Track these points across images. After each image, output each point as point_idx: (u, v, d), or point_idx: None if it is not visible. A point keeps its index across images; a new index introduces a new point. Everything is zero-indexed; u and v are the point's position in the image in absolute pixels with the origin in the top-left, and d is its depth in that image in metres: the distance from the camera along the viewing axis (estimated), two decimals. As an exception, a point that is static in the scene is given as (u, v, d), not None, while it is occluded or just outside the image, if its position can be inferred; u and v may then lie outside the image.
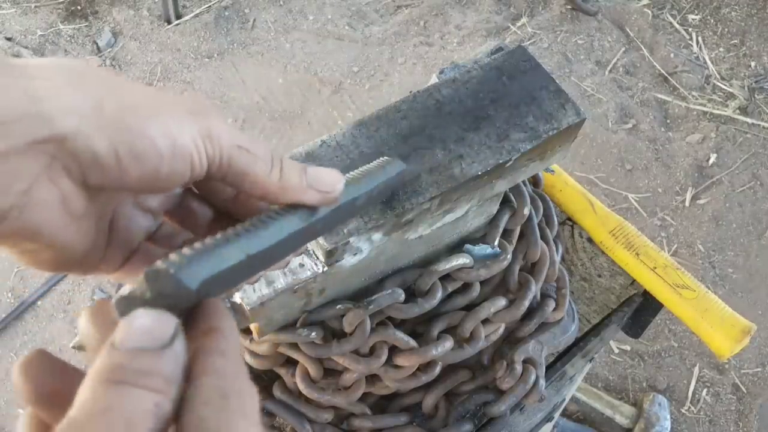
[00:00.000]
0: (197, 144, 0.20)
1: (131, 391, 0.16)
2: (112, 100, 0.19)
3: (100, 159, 0.19)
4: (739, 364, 1.08)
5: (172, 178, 0.20)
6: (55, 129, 0.18)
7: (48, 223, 0.19)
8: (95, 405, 0.15)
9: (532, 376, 0.46)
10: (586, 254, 0.60)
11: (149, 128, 0.19)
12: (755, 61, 1.49)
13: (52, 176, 0.18)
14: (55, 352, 0.97)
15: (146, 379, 0.16)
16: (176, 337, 0.17)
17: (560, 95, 0.36)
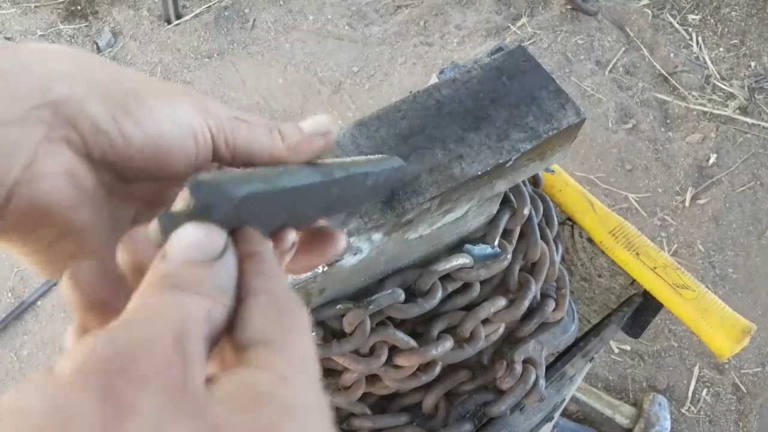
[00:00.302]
0: (197, 117, 0.20)
1: (185, 296, 0.16)
2: (104, 71, 0.19)
3: (98, 124, 0.18)
4: (739, 364, 1.08)
5: (177, 153, 0.20)
6: (49, 94, 0.17)
7: (58, 198, 0.18)
8: (149, 307, 0.15)
9: (532, 376, 0.46)
10: (586, 254, 0.60)
11: (146, 97, 0.19)
12: (755, 61, 1.49)
13: (53, 147, 0.18)
14: (54, 352, 0.96)
15: (199, 287, 0.16)
16: (227, 251, 0.17)
17: (560, 95, 0.36)
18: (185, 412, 0.13)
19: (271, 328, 0.16)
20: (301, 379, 0.15)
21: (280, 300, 0.17)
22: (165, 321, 0.15)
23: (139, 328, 0.14)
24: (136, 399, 0.13)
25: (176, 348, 0.14)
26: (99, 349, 0.14)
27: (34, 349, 1.05)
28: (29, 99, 0.17)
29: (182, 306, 0.15)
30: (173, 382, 0.14)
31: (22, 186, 0.18)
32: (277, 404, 0.14)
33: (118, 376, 0.13)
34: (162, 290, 0.16)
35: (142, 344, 0.14)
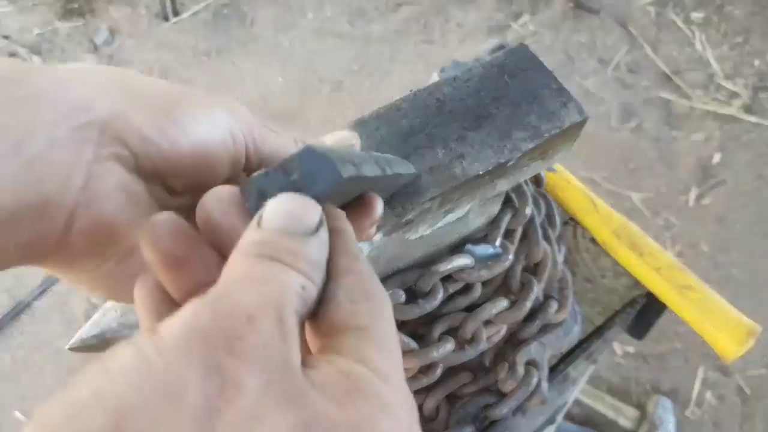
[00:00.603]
0: (233, 122, 0.20)
1: (282, 269, 0.15)
2: (141, 84, 0.19)
3: (145, 135, 0.18)
4: (744, 366, 1.07)
5: (221, 156, 0.19)
6: (92, 112, 0.17)
7: (119, 216, 0.18)
8: (247, 276, 0.15)
9: (535, 379, 0.46)
10: (589, 255, 0.59)
11: (186, 105, 0.19)
12: (759, 60, 1.48)
13: (105, 166, 0.18)
14: (51, 353, 0.96)
15: (295, 260, 0.15)
16: (321, 226, 0.17)
17: (562, 94, 0.35)
18: (286, 395, 0.13)
19: (363, 314, 0.16)
20: (394, 373, 0.15)
21: (366, 282, 0.17)
22: (266, 294, 0.14)
23: (241, 300, 0.14)
24: (240, 377, 0.13)
25: (278, 324, 0.14)
26: (204, 319, 0.13)
27: (31, 350, 1.04)
28: (73, 118, 0.17)
29: (281, 279, 0.15)
30: (275, 361, 0.13)
31: (83, 208, 0.18)
32: (374, 399, 0.14)
33: (223, 350, 0.13)
34: (259, 260, 0.15)
35: (246, 318, 0.13)
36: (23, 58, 1.40)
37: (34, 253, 0.18)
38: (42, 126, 0.16)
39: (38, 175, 0.16)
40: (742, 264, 1.17)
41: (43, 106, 0.17)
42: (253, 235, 0.16)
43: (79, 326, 0.48)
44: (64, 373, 1.02)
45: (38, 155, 0.16)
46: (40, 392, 1.01)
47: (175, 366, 0.12)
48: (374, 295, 0.16)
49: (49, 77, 0.17)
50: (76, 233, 0.18)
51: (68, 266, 0.19)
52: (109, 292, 0.20)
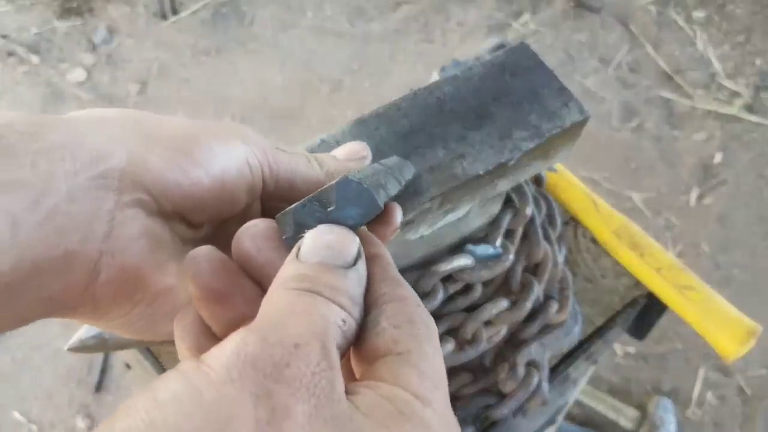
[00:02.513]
0: (248, 150, 0.20)
1: (324, 301, 0.15)
2: (156, 125, 0.19)
3: (165, 177, 0.18)
4: (745, 367, 1.07)
5: (240, 186, 0.20)
6: (109, 161, 0.17)
7: (144, 261, 0.18)
8: (291, 308, 0.15)
9: (535, 379, 0.46)
10: (589, 255, 0.59)
11: (202, 139, 0.19)
12: (761, 59, 1.47)
13: (127, 213, 0.18)
14: (50, 354, 0.96)
15: (334, 295, 0.16)
16: (360, 258, 0.17)
17: (563, 93, 0.35)
18: (333, 421, 0.13)
19: (405, 339, 0.16)
20: (437, 398, 0.15)
21: (410, 307, 0.17)
22: (311, 325, 0.14)
23: (288, 330, 0.14)
24: (289, 403, 0.13)
25: (323, 352, 0.14)
26: (252, 348, 0.13)
27: (30, 352, 1.04)
28: (91, 168, 0.17)
29: (324, 312, 0.15)
30: (322, 389, 0.13)
31: (107, 257, 0.18)
32: (417, 422, 0.14)
33: (272, 378, 0.13)
34: (301, 294, 0.15)
35: (293, 347, 0.14)
36: (21, 58, 1.40)
37: (60, 306, 0.18)
38: (61, 179, 0.16)
39: (59, 228, 0.16)
40: (743, 264, 1.17)
41: (60, 158, 0.16)
42: (292, 268, 0.16)
43: (78, 327, 0.48)
44: (63, 374, 1.02)
45: (58, 208, 0.16)
46: (39, 393, 1.01)
47: (225, 394, 0.13)
48: (416, 321, 0.16)
49: (64, 129, 0.17)
50: (102, 283, 0.18)
51: (98, 315, 0.19)
52: (143, 333, 0.20)
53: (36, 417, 0.98)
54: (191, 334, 0.18)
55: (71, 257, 0.17)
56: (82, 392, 1.01)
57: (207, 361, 0.13)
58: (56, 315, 0.18)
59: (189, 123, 0.20)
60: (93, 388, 1.00)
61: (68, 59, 1.41)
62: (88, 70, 1.39)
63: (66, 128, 0.17)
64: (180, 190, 0.18)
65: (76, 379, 1.01)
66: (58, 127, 0.17)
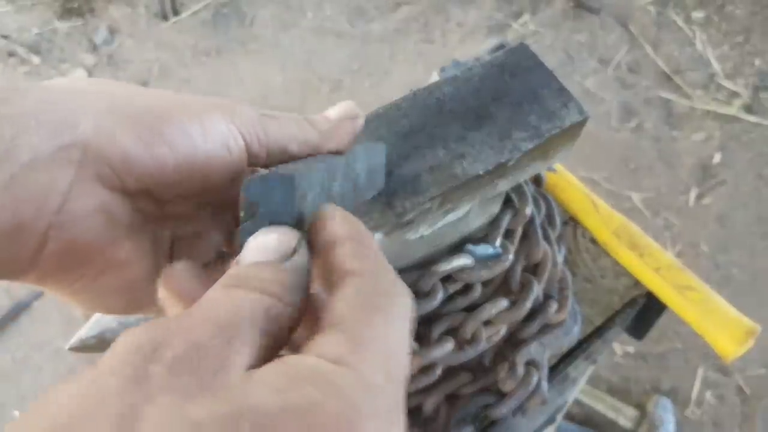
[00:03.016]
0: (227, 126, 0.19)
1: (241, 292, 0.15)
2: (130, 99, 0.19)
3: (129, 154, 0.18)
4: (744, 366, 1.07)
5: (212, 165, 0.19)
6: (77, 133, 0.17)
7: (93, 237, 0.18)
8: (200, 303, 0.15)
9: (535, 379, 0.46)
10: (589, 255, 0.59)
11: (174, 117, 0.19)
12: (760, 59, 1.47)
13: (84, 187, 0.18)
14: (50, 353, 0.96)
15: (261, 284, 0.15)
16: (298, 249, 0.17)
17: (563, 93, 0.35)
18: (211, 392, 0.13)
19: (348, 311, 0.15)
20: (371, 365, 0.14)
21: (368, 280, 0.16)
22: (208, 311, 0.14)
23: (180, 318, 0.14)
24: (164, 380, 0.13)
25: (217, 333, 0.14)
26: (137, 338, 0.14)
27: (30, 351, 1.04)
28: (57, 138, 0.17)
29: (234, 300, 0.15)
30: (207, 365, 0.13)
31: (55, 230, 0.17)
32: (324, 385, 0.13)
33: (150, 360, 0.13)
34: (221, 289, 0.15)
35: (177, 330, 0.14)
36: (22, 58, 1.40)
37: (4, 272, 0.18)
38: (24, 146, 0.16)
39: (14, 198, 0.16)
40: (742, 264, 1.17)
41: (26, 125, 0.16)
42: (229, 272, 0.16)
43: (78, 326, 0.48)
44: (63, 374, 1.02)
45: (17, 176, 0.16)
46: (39, 392, 1.01)
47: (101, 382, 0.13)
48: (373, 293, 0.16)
49: (37, 96, 0.17)
50: (47, 255, 0.18)
51: (40, 282, 0.19)
52: (91, 306, 0.20)
53: (36, 417, 0.98)
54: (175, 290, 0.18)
55: (22, 229, 0.17)
56: (82, 392, 1.01)
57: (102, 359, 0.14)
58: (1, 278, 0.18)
59: (166, 97, 0.19)
60: (93, 388, 1.00)
61: (69, 60, 1.41)
62: (89, 70, 1.39)
63: (38, 97, 0.17)
64: (143, 168, 0.18)
65: (77, 379, 1.02)
66: (29, 94, 0.17)
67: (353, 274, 0.16)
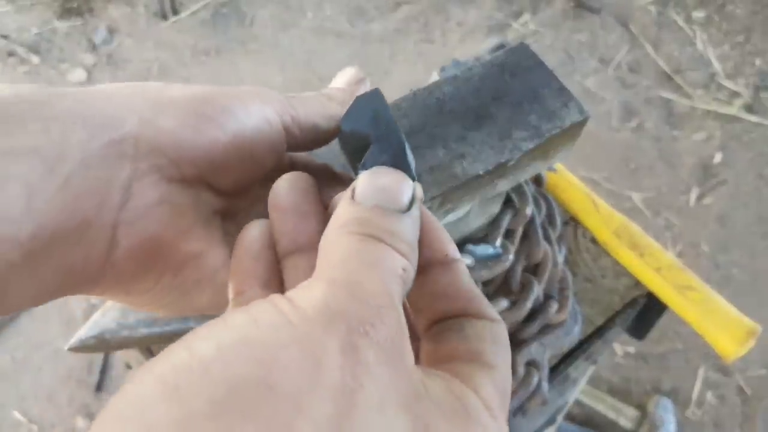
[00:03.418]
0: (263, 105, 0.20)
1: (386, 249, 0.15)
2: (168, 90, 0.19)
3: (179, 139, 0.18)
4: (744, 366, 1.07)
5: (260, 142, 0.19)
6: (124, 128, 0.17)
7: (164, 231, 0.18)
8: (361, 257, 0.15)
9: (535, 379, 0.46)
10: (589, 255, 0.59)
11: (212, 96, 0.19)
12: (760, 59, 1.47)
13: (144, 181, 0.17)
14: (51, 353, 0.96)
15: (394, 240, 0.15)
16: (414, 202, 0.16)
17: (563, 93, 0.35)
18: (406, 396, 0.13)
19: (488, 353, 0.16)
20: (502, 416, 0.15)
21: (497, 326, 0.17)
22: (384, 282, 0.14)
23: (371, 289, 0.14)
24: (371, 362, 0.13)
25: (399, 320, 0.14)
26: (342, 301, 0.13)
27: (30, 351, 1.04)
28: (104, 135, 0.17)
29: (389, 263, 0.15)
30: (398, 357, 0.13)
31: (125, 226, 0.17)
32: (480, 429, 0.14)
33: (359, 335, 0.13)
34: (364, 240, 0.15)
35: (377, 308, 0.14)
36: (22, 58, 1.40)
37: (81, 280, 0.17)
38: (74, 146, 0.16)
39: (74, 196, 0.16)
40: (742, 264, 1.17)
41: (72, 124, 0.16)
42: (350, 210, 0.16)
43: (78, 327, 0.48)
44: (63, 374, 1.02)
45: (73, 175, 0.16)
46: (39, 393, 1.01)
47: (317, 337, 0.13)
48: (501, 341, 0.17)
49: (74, 97, 0.17)
50: (121, 254, 0.17)
51: (122, 289, 0.19)
52: (176, 308, 0.20)
53: (36, 417, 0.98)
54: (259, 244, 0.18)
55: (88, 226, 0.17)
56: (82, 392, 1.01)
57: (296, 302, 0.13)
58: (79, 289, 0.18)
59: (200, 87, 0.20)
60: (93, 388, 1.00)
61: (68, 59, 1.40)
62: (88, 70, 1.39)
63: (75, 98, 0.17)
64: (197, 150, 0.18)
65: (76, 379, 1.01)
66: (67, 97, 0.17)
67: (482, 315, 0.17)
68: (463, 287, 0.17)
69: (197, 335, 0.13)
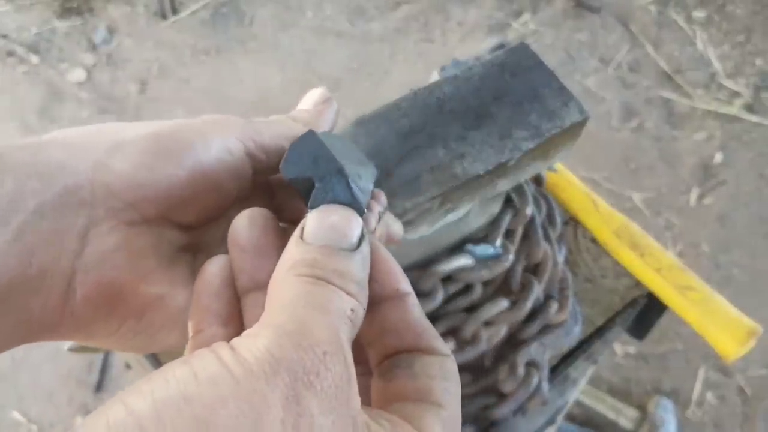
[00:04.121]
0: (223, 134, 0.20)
1: (335, 292, 0.15)
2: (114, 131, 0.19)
3: (135, 180, 0.18)
4: (745, 367, 1.07)
5: (221, 174, 0.19)
6: (79, 175, 0.17)
7: (123, 275, 0.18)
8: (309, 301, 0.15)
9: (535, 379, 0.46)
10: (589, 255, 0.59)
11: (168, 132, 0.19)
12: (761, 59, 1.47)
13: (102, 227, 0.17)
14: (50, 353, 0.96)
15: (343, 282, 0.15)
16: (363, 239, 0.16)
17: (563, 93, 0.35)
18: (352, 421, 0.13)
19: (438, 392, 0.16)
20: None
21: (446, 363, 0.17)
22: (331, 328, 0.14)
23: (315, 335, 0.14)
24: (314, 412, 0.13)
25: (345, 364, 0.14)
26: (287, 350, 0.13)
27: (29, 352, 1.04)
28: (57, 183, 0.17)
29: (337, 306, 0.15)
30: (342, 404, 0.13)
31: (81, 274, 0.17)
32: None
33: (302, 384, 0.13)
34: (313, 283, 0.15)
35: (322, 355, 0.14)
36: (21, 58, 1.40)
37: (40, 328, 0.18)
38: (28, 195, 0.16)
39: (30, 246, 0.16)
40: (743, 264, 1.17)
41: (26, 176, 0.16)
42: (299, 251, 0.16)
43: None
44: (62, 374, 1.02)
45: (27, 225, 0.16)
46: (39, 393, 1.01)
47: (259, 389, 0.13)
48: (450, 378, 0.17)
49: (30, 150, 0.17)
50: (79, 301, 0.17)
51: (84, 334, 0.19)
52: (143, 348, 0.20)
53: (36, 417, 0.98)
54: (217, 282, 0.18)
55: (45, 275, 0.17)
56: (82, 392, 1.00)
57: (240, 352, 0.13)
58: (38, 337, 0.18)
59: (154, 124, 0.19)
60: (93, 388, 1.00)
61: (68, 59, 1.40)
62: (88, 70, 1.39)
63: (30, 150, 0.17)
64: (154, 190, 0.18)
65: (76, 379, 1.01)
66: (24, 149, 0.17)
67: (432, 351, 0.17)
68: (413, 322, 0.17)
69: (135, 389, 0.13)
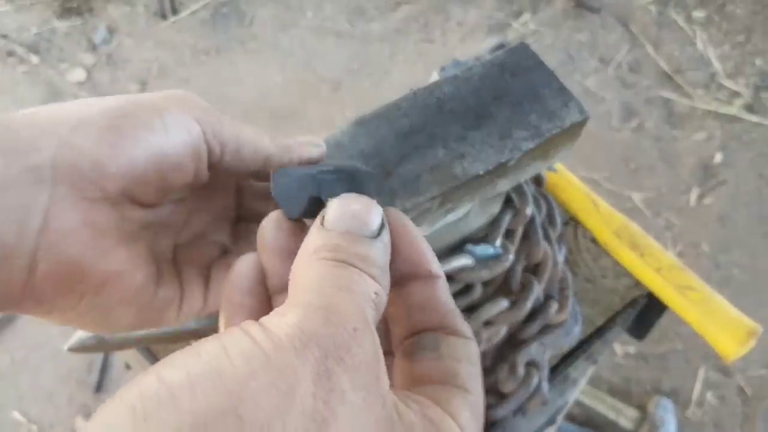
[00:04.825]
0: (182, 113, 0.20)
1: (359, 274, 0.15)
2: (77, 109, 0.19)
3: (97, 158, 0.18)
4: (745, 367, 1.07)
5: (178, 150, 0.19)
6: (42, 153, 0.17)
7: (84, 252, 0.18)
8: (334, 282, 0.15)
9: (535, 379, 0.46)
10: (589, 255, 0.59)
11: (128, 111, 0.19)
12: (761, 59, 1.47)
13: (64, 204, 0.18)
14: (50, 354, 0.96)
15: (365, 265, 0.15)
16: (384, 228, 0.17)
17: (563, 93, 0.35)
18: (379, 423, 0.13)
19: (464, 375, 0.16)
20: None
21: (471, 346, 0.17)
22: (358, 306, 0.14)
23: (343, 311, 0.14)
24: (345, 387, 0.13)
25: (373, 342, 0.14)
26: (317, 325, 0.13)
27: (29, 352, 1.04)
28: (20, 161, 0.17)
29: (362, 288, 0.15)
30: (372, 381, 0.13)
31: (43, 251, 0.17)
32: None
33: (333, 359, 0.13)
34: (337, 265, 0.15)
35: (353, 331, 0.14)
36: (21, 58, 1.40)
37: (2, 301, 0.18)
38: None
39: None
40: (743, 264, 1.17)
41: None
42: (321, 237, 0.16)
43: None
44: (62, 374, 1.02)
45: None
46: (39, 393, 1.01)
47: (289, 363, 0.13)
48: (476, 360, 0.17)
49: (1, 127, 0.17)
50: (40, 277, 0.18)
51: (43, 309, 0.19)
52: (99, 325, 0.20)
53: (36, 417, 0.98)
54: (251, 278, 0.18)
55: (9, 252, 0.17)
56: (82, 392, 1.00)
57: (270, 328, 0.13)
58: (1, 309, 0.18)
59: (119, 99, 0.19)
60: (93, 388, 1.00)
61: (68, 59, 1.40)
62: (88, 70, 1.39)
63: (4, 129, 0.17)
64: (116, 168, 0.18)
65: (76, 380, 1.01)
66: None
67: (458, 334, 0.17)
68: (442, 301, 0.18)
69: (168, 363, 0.13)
